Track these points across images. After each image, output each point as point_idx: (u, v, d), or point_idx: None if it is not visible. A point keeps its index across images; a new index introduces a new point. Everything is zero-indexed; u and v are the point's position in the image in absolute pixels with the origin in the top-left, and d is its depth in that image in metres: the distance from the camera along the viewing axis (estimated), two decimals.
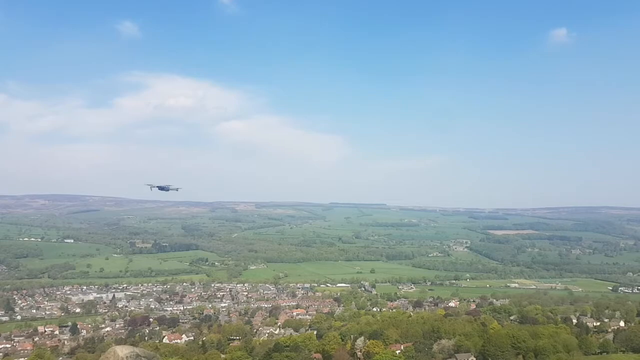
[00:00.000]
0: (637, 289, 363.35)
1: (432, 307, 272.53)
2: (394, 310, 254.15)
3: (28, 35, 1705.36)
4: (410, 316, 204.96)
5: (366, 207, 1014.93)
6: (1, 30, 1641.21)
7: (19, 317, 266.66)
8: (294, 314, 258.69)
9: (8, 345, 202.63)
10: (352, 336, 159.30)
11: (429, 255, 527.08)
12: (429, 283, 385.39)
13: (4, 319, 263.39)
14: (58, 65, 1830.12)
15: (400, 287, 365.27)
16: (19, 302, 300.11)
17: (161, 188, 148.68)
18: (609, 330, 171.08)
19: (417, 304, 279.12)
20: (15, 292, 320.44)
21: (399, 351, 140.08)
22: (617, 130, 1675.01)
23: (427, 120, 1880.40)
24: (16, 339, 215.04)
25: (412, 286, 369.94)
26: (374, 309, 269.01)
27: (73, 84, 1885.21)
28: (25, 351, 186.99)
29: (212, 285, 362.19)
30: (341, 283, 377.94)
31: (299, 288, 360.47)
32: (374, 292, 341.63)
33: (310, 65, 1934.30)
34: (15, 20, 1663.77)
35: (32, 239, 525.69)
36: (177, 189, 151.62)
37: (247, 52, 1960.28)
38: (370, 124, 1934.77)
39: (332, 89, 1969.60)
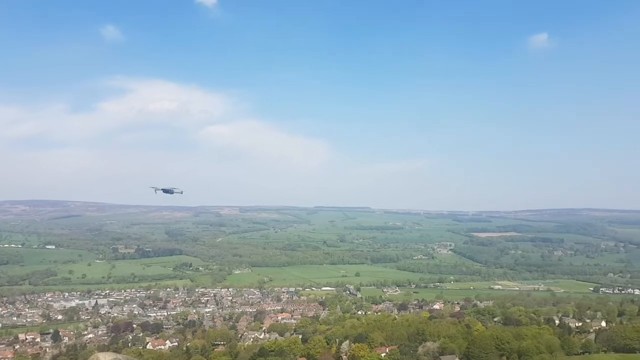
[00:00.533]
0: (618, 290, 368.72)
1: (417, 309, 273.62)
2: (379, 313, 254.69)
3: (9, 39, 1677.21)
4: (395, 319, 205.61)
5: (351, 210, 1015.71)
6: None
7: None
8: (279, 318, 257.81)
9: None
10: (337, 340, 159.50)
11: (414, 258, 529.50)
12: (413, 286, 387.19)
13: None
14: (40, 70, 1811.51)
15: (385, 290, 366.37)
16: None
17: (165, 191, 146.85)
18: (591, 330, 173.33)
19: (402, 307, 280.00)
20: None
21: (384, 354, 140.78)
22: (598, 133, 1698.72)
23: (411, 123, 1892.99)
24: None
25: (397, 289, 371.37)
26: (359, 313, 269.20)
27: (55, 89, 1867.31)
28: (6, 359, 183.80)
29: (196, 290, 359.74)
30: (326, 287, 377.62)
31: (284, 292, 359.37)
32: (359, 295, 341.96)
33: (294, 69, 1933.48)
34: None
35: (13, 245, 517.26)
36: (181, 192, 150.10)
37: (231, 56, 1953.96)
38: (354, 128, 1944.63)
39: (317, 92, 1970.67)
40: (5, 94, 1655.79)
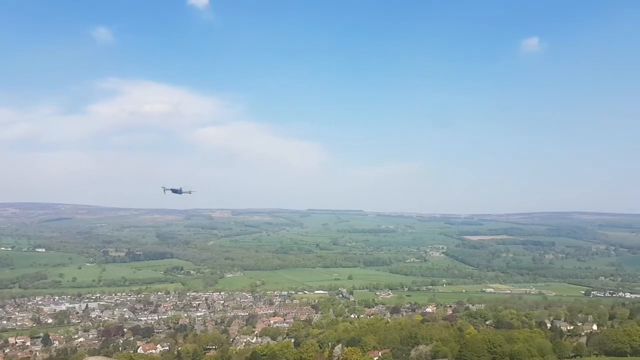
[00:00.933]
0: (609, 293, 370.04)
1: (410, 313, 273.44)
2: (372, 316, 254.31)
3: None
4: (387, 322, 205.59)
5: (343, 213, 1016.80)
6: None
7: None
8: (271, 322, 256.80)
9: None
10: (330, 343, 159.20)
11: (406, 261, 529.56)
12: (406, 289, 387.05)
13: None
14: (32, 72, 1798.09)
15: (377, 293, 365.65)
16: None
17: (175, 191, 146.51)
18: (582, 333, 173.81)
19: (395, 310, 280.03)
20: None
21: (377, 358, 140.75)
22: (589, 137, 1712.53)
23: (404, 125, 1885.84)
24: None
25: (390, 292, 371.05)
26: (352, 316, 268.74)
27: (47, 91, 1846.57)
28: None
29: (188, 294, 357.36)
30: (319, 290, 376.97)
31: (276, 296, 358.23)
32: (352, 298, 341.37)
33: (288, 72, 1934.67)
34: None
35: (3, 248, 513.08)
36: (189, 192, 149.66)
37: (224, 58, 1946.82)
38: (348, 130, 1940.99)
39: (311, 95, 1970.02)
40: None
